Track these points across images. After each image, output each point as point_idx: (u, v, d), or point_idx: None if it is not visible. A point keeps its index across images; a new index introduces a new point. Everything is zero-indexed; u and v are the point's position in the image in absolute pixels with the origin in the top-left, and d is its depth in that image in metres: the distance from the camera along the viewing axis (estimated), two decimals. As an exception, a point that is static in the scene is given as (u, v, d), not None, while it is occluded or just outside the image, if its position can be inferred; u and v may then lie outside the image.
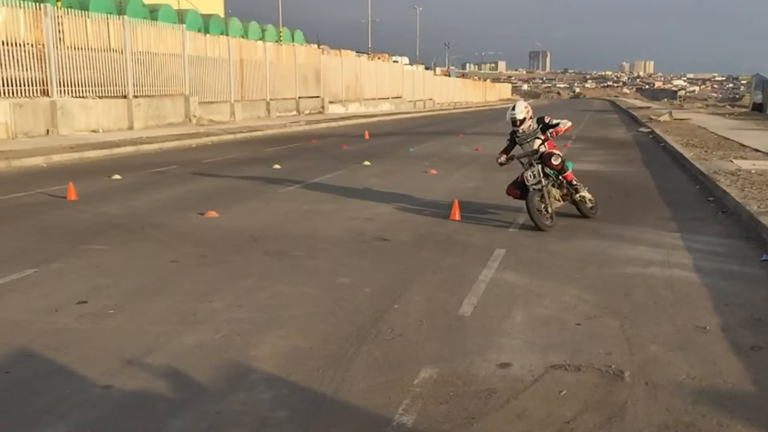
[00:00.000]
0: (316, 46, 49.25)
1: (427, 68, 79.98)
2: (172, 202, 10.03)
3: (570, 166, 8.80)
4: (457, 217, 9.05)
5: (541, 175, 8.37)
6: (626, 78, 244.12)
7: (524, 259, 7.03)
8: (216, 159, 16.20)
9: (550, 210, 8.38)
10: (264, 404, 3.76)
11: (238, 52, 30.25)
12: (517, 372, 4.22)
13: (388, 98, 52.65)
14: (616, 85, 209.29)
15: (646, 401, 3.86)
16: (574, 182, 8.74)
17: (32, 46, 18.91)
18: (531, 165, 8.56)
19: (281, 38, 39.30)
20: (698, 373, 4.24)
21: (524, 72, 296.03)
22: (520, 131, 8.70)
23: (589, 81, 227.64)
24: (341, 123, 32.35)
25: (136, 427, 3.50)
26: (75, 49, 20.46)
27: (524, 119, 8.59)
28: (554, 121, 8.64)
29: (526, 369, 4.26)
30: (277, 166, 14.64)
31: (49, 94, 19.29)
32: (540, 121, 8.72)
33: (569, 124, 8.72)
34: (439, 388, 3.98)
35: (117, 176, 12.64)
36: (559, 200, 8.68)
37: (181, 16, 28.72)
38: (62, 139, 18.25)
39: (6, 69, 17.93)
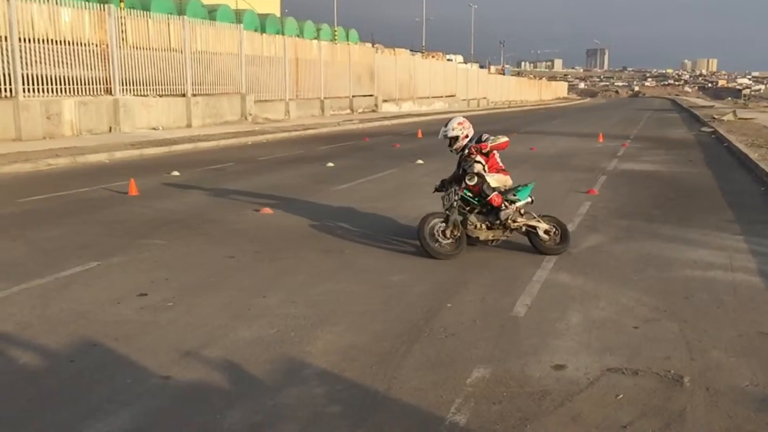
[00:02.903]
0: (370, 44, 49.38)
1: (481, 67, 79.41)
2: (228, 199, 10.22)
3: (524, 191, 7.23)
4: (511, 216, 8.94)
5: (455, 198, 6.99)
6: (688, 76, 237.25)
7: (579, 260, 6.92)
8: (271, 156, 16.43)
9: (451, 235, 6.91)
10: (317, 399, 3.80)
11: (293, 51, 30.59)
12: (572, 374, 4.16)
13: (441, 97, 52.45)
14: (677, 83, 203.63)
15: (707, 408, 3.75)
16: (503, 208, 6.99)
17: (96, 46, 19.52)
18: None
19: (336, 37, 39.57)
20: (762, 380, 4.10)
21: (581, 70, 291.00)
22: (453, 150, 7.39)
23: (649, 79, 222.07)
24: (394, 121, 32.39)
25: (195, 417, 3.58)
26: (137, 48, 21.04)
27: (458, 137, 7.25)
28: (484, 137, 7.24)
29: (582, 371, 4.19)
30: (330, 164, 14.76)
31: (112, 93, 19.88)
32: (475, 140, 7.30)
33: (503, 140, 7.15)
34: (492, 388, 3.95)
35: (176, 173, 12.94)
36: (483, 229, 7.05)
37: (238, 16, 29.22)
38: (124, 136, 18.81)
39: (72, 68, 18.56)
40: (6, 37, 16.65)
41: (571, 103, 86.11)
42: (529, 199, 7.24)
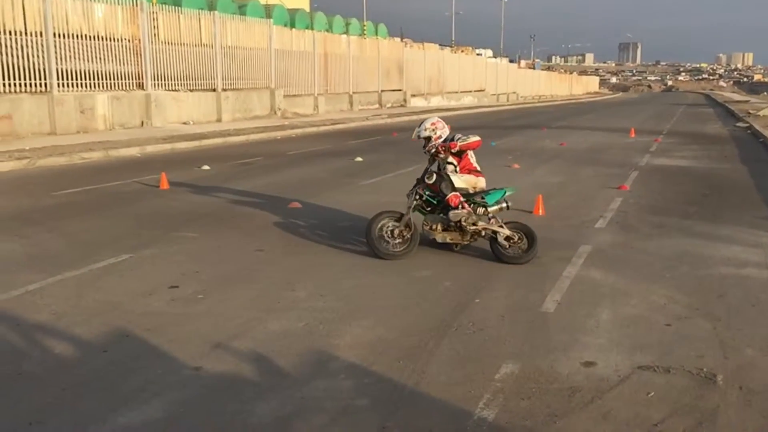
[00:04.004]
0: (399, 39, 49.38)
1: (511, 61, 78.90)
2: (257, 193, 10.29)
3: (494, 195, 6.81)
4: (541, 212, 8.90)
5: (414, 197, 6.83)
6: (722, 70, 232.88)
7: (611, 257, 6.84)
8: (300, 151, 16.51)
9: (399, 234, 6.68)
10: (346, 392, 3.82)
11: (322, 45, 30.66)
12: (603, 371, 4.12)
13: (470, 91, 52.16)
14: (711, 77, 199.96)
15: (740, 406, 3.69)
16: (457, 209, 6.59)
17: (129, 41, 19.77)
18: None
19: (365, 32, 39.58)
20: (798, 380, 4.01)
21: (613, 64, 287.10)
22: (425, 151, 7.10)
23: (683, 74, 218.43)
24: (423, 116, 32.18)
25: (225, 408, 3.62)
26: (168, 44, 21.26)
27: (430, 138, 6.98)
28: (456, 137, 6.94)
29: (612, 369, 4.15)
30: (359, 159, 14.78)
31: (144, 88, 20.13)
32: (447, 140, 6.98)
33: (474, 139, 6.89)
34: (521, 383, 3.93)
35: (206, 167, 13.07)
36: (438, 230, 6.74)
37: (268, 11, 29.38)
38: (155, 130, 19.04)
39: (105, 63, 18.84)
40: (41, 33, 16.94)
41: (603, 98, 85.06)
42: (504, 205, 6.78)
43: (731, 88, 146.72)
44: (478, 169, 7.05)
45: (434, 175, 6.78)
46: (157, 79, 20.62)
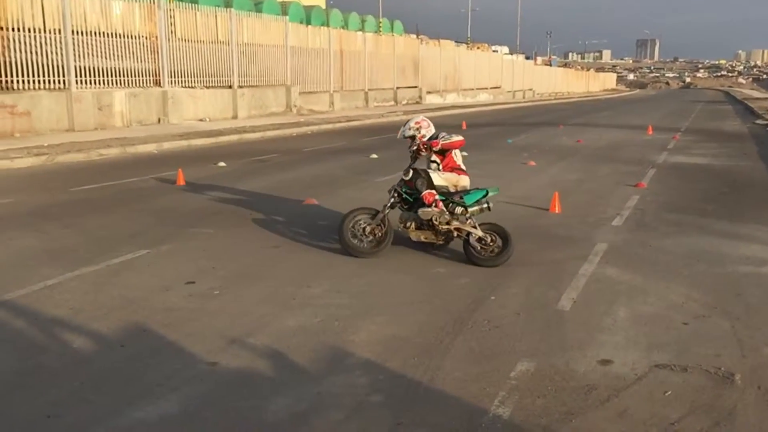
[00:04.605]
0: (414, 36, 49.24)
1: (527, 58, 78.41)
2: (273, 189, 10.32)
3: (473, 195, 6.55)
4: (557, 209, 8.85)
5: (392, 194, 6.74)
6: (742, 67, 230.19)
7: (627, 255, 6.80)
8: (315, 148, 16.53)
9: (371, 232, 6.59)
10: (361, 388, 3.83)
11: (338, 42, 30.67)
12: (619, 369, 4.09)
13: (486, 88, 51.96)
14: (730, 74, 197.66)
15: (758, 406, 3.66)
16: (430, 207, 6.44)
17: (146, 38, 19.88)
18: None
19: (380, 29, 39.52)
20: (818, 380, 3.96)
21: (630, 61, 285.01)
22: (410, 150, 6.91)
23: (701, 70, 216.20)
24: (438, 113, 32.22)
25: (242, 403, 3.64)
26: (185, 41, 21.36)
27: (414, 137, 6.82)
28: (440, 135, 6.74)
29: (629, 367, 4.12)
30: (374, 156, 14.78)
31: (161, 85, 20.24)
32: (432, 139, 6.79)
33: (457, 138, 6.64)
34: (537, 381, 3.92)
35: (222, 163, 13.13)
36: (412, 228, 6.62)
37: (284, 8, 29.41)
38: (172, 127, 19.15)
39: (122, 60, 18.97)
40: (60, 30, 17.09)
41: (620, 95, 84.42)
42: (484, 206, 6.54)
43: (750, 85, 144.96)
44: (463, 167, 6.85)
45: (410, 172, 6.66)
46: (174, 76, 20.73)
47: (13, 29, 15.96)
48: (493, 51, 68.08)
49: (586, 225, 8.15)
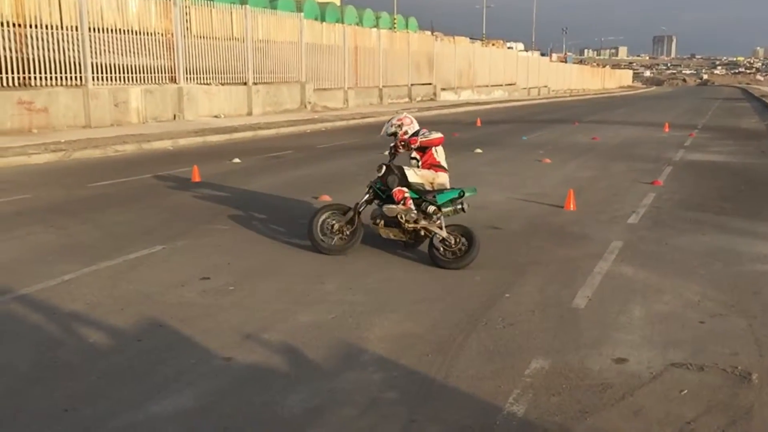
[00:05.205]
0: (429, 32, 49.17)
1: (542, 54, 78.07)
2: (287, 186, 10.35)
3: (446, 195, 6.37)
4: (572, 207, 8.81)
5: (367, 191, 6.65)
6: (760, 64, 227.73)
7: (643, 253, 6.75)
8: (329, 144, 16.55)
9: (339, 230, 6.52)
10: (374, 385, 3.83)
11: (352, 39, 30.67)
12: (634, 368, 4.07)
13: (501, 85, 51.78)
14: (748, 71, 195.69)
15: (777, 407, 3.62)
16: (399, 205, 6.29)
17: (162, 35, 19.99)
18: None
19: (395, 25, 39.48)
20: (837, 380, 3.92)
21: (647, 58, 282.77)
22: (391, 147, 6.91)
23: (719, 67, 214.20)
24: (453, 110, 32.18)
25: (255, 398, 3.66)
26: (200, 37, 21.45)
27: (396, 134, 6.75)
28: (421, 132, 6.68)
29: (644, 365, 4.10)
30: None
31: (177, 81, 20.35)
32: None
33: (436, 135, 6.52)
34: (551, 379, 3.91)
35: (237, 160, 13.18)
36: (381, 225, 6.50)
37: (298, 5, 29.45)
38: (187, 123, 19.25)
39: (138, 57, 19.09)
40: (77, 27, 17.21)
41: (636, 92, 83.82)
42: (459, 206, 6.38)
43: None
44: (443, 165, 6.70)
45: (383, 168, 6.53)
46: (190, 73, 20.82)
47: (31, 26, 16.11)
48: (508, 48, 67.82)
49: (601, 223, 8.11)
